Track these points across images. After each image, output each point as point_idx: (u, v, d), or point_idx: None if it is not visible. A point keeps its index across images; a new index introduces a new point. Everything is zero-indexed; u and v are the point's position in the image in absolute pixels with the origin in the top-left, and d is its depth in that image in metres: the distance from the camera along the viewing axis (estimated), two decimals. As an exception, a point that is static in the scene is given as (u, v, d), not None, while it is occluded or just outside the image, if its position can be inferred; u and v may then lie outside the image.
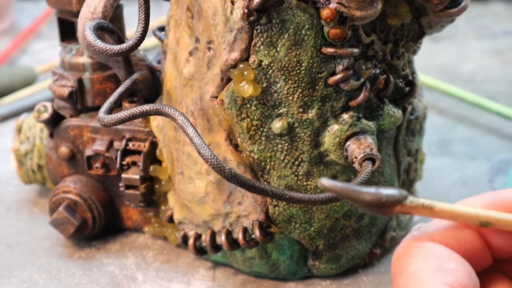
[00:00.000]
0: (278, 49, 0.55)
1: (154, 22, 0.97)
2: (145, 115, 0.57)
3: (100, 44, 0.57)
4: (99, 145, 0.66)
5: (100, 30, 0.59)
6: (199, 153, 0.54)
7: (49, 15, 1.19)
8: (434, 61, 1.04)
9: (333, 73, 0.56)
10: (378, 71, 0.58)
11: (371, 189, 0.40)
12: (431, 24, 0.59)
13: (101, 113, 0.58)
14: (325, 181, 0.39)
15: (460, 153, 0.82)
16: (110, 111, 0.58)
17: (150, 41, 0.98)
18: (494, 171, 0.79)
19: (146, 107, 0.57)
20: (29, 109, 0.91)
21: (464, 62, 1.04)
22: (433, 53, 1.06)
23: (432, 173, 0.77)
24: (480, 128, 0.87)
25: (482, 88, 0.95)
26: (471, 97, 0.88)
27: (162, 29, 0.66)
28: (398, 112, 0.60)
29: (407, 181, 0.66)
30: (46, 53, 1.10)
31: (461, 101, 0.89)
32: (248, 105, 0.56)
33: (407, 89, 0.61)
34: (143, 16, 0.58)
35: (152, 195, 0.66)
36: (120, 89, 0.61)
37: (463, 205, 0.42)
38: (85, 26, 0.59)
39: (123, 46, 0.58)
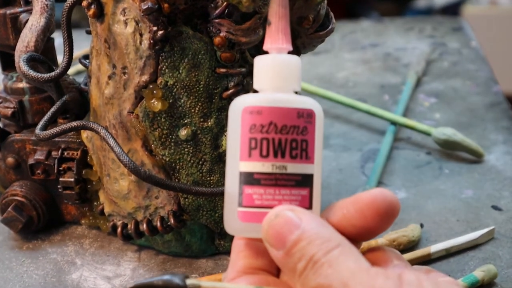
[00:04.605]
0: (180, 71, 0.54)
1: (81, 51, 0.95)
2: (74, 130, 0.56)
3: (32, 73, 0.55)
4: (40, 155, 0.64)
5: (32, 61, 0.57)
6: (119, 159, 0.53)
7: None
8: (315, 71, 1.04)
9: (226, 89, 0.55)
10: (263, 85, 0.58)
11: (164, 277, 0.38)
12: (304, 45, 0.59)
13: (37, 129, 0.56)
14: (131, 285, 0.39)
15: (337, 146, 0.82)
16: (45, 127, 0.57)
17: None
18: (364, 159, 0.79)
19: (74, 123, 0.55)
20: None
21: (339, 71, 1.04)
22: (314, 64, 1.06)
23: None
24: (352, 125, 0.87)
25: (354, 92, 0.96)
26: (345, 99, 0.88)
27: (86, 57, 0.64)
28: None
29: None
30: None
31: (336, 103, 0.89)
32: (159, 118, 0.56)
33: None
34: (67, 49, 0.56)
35: (86, 194, 0.65)
36: (52, 109, 0.59)
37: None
38: (20, 58, 0.58)
39: (52, 74, 0.56)
